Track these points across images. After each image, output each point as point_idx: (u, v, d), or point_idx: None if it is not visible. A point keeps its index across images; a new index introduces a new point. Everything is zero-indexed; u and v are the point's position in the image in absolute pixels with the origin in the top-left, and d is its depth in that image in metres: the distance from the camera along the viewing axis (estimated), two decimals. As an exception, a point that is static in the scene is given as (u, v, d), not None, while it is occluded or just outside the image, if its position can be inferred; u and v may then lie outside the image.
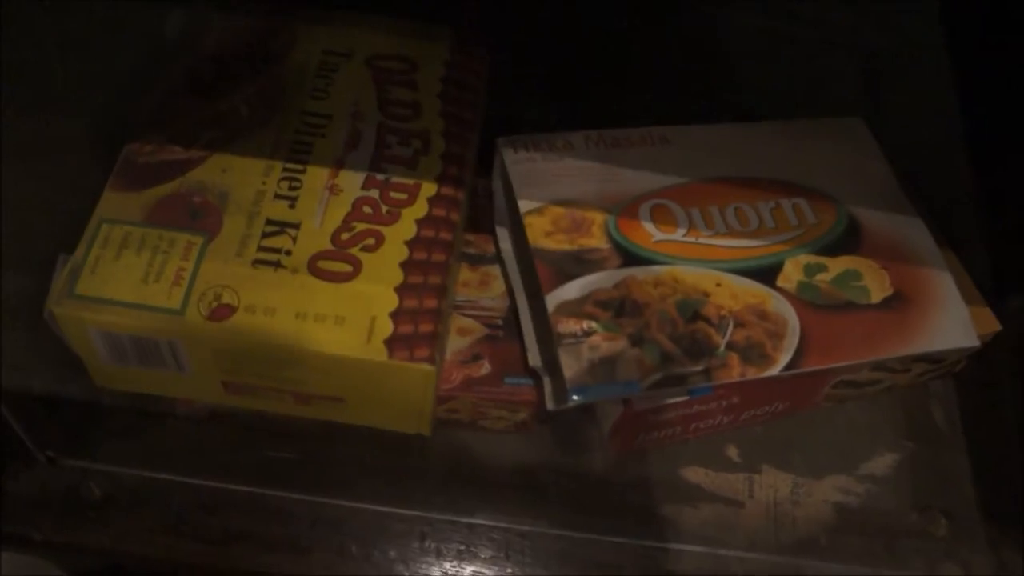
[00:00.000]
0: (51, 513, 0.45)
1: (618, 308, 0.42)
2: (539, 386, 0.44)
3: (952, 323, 0.45)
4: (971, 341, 0.45)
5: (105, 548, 0.45)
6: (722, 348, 0.42)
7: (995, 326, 0.47)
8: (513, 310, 0.47)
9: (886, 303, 0.45)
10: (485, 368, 0.45)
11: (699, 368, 0.41)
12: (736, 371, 0.42)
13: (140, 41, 0.51)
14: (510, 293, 0.47)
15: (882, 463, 0.50)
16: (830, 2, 0.65)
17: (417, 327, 0.39)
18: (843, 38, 0.65)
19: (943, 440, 0.51)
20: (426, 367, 0.39)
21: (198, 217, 0.41)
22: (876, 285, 0.45)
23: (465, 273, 0.48)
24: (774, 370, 0.42)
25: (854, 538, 0.48)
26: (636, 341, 0.41)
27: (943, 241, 0.49)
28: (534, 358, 0.44)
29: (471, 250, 0.49)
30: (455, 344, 0.45)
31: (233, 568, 0.45)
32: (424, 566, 0.45)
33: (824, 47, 0.65)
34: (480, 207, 0.50)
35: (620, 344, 0.41)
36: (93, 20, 0.46)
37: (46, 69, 0.44)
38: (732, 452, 0.49)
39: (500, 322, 0.46)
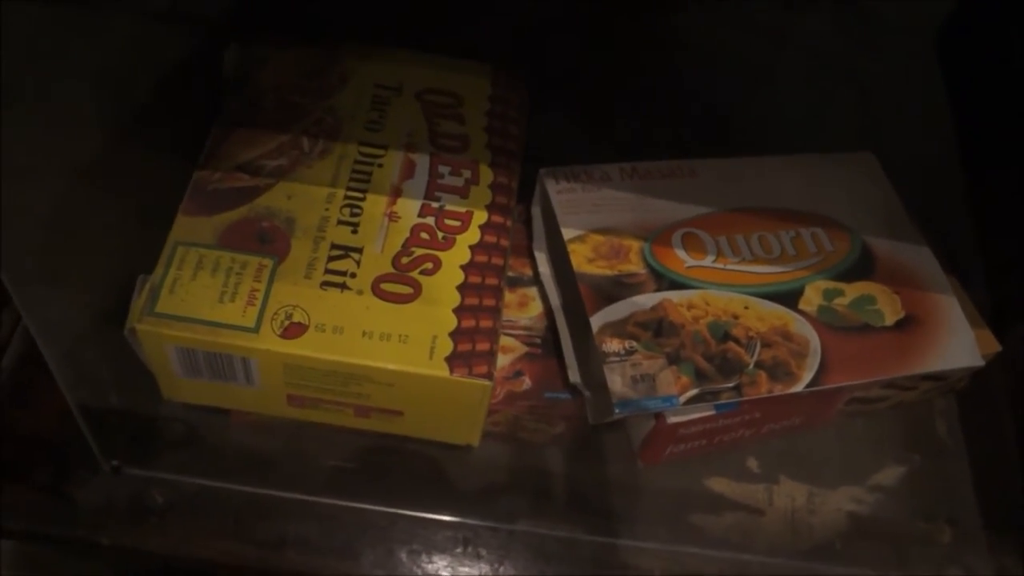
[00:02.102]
0: (116, 519, 0.47)
1: (656, 329, 0.46)
2: (577, 401, 0.48)
3: (959, 344, 0.49)
4: (976, 361, 0.49)
5: (167, 552, 0.47)
6: (751, 366, 0.45)
7: (995, 347, 0.51)
8: (551, 330, 0.50)
9: (899, 325, 0.48)
10: (526, 384, 0.48)
11: (731, 384, 0.45)
12: (764, 387, 0.45)
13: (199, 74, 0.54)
14: (548, 314, 0.50)
15: (891, 474, 0.53)
16: (827, 32, 0.69)
17: (475, 345, 0.42)
18: (840, 66, 0.68)
19: (947, 453, 0.54)
20: (484, 383, 0.42)
21: (267, 241, 0.44)
22: (889, 308, 0.49)
23: (505, 295, 0.51)
24: (799, 387, 0.45)
25: (865, 544, 0.50)
26: (673, 359, 0.45)
27: (946, 266, 0.52)
28: (574, 375, 0.47)
29: (510, 273, 0.52)
30: (498, 361, 0.48)
31: (287, 571, 0.47)
32: (467, 570, 0.47)
33: (822, 76, 0.68)
34: (516, 231, 0.53)
35: (659, 362, 0.44)
36: (144, 51, 0.49)
37: (107, 96, 0.46)
38: (752, 464, 0.52)
39: (539, 341, 0.49)
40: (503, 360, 0.48)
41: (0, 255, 0.35)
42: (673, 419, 0.46)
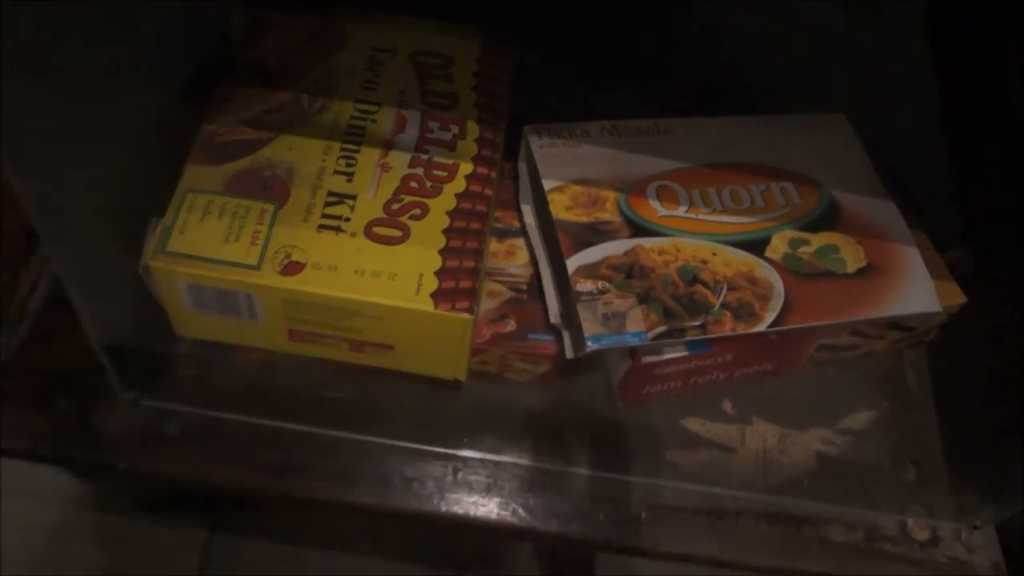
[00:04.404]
0: (133, 446, 0.51)
1: (628, 271, 0.49)
2: (559, 341, 0.51)
3: (917, 291, 0.51)
4: (934, 307, 0.51)
5: (178, 477, 0.51)
6: (717, 307, 0.49)
7: (960, 298, 0.53)
8: (536, 277, 0.53)
9: (860, 272, 0.51)
10: (511, 326, 0.51)
11: (697, 323, 0.48)
12: (728, 326, 0.48)
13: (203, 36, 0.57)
14: (533, 262, 0.54)
15: (860, 419, 0.56)
16: (818, 1, 0.70)
17: (458, 283, 0.46)
18: (829, 35, 0.70)
19: (915, 400, 0.57)
20: (466, 316, 0.45)
21: (268, 188, 0.48)
22: (851, 257, 0.52)
23: (493, 245, 0.54)
24: (761, 326, 0.49)
25: (833, 482, 0.53)
26: (643, 299, 0.48)
27: (917, 223, 0.55)
28: (554, 316, 0.51)
29: (498, 224, 0.55)
30: (485, 305, 0.52)
31: (289, 495, 0.51)
32: (456, 497, 0.51)
33: (811, 44, 0.69)
34: (505, 186, 0.57)
35: (629, 301, 0.48)
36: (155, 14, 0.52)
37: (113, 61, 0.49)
38: (727, 406, 0.55)
39: (524, 287, 0.53)
40: (490, 304, 0.52)
41: (35, 215, 0.40)
42: (647, 359, 0.49)
